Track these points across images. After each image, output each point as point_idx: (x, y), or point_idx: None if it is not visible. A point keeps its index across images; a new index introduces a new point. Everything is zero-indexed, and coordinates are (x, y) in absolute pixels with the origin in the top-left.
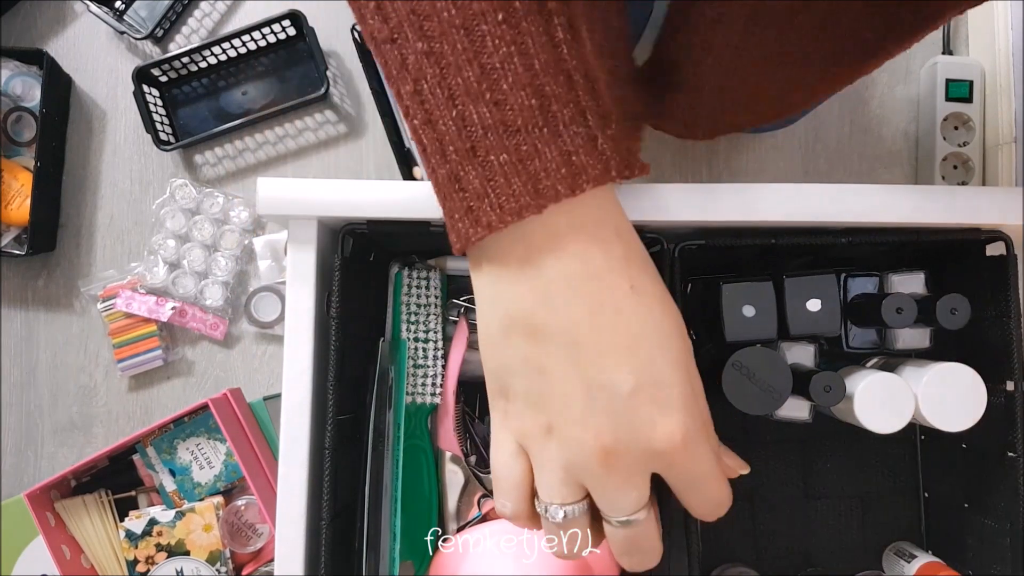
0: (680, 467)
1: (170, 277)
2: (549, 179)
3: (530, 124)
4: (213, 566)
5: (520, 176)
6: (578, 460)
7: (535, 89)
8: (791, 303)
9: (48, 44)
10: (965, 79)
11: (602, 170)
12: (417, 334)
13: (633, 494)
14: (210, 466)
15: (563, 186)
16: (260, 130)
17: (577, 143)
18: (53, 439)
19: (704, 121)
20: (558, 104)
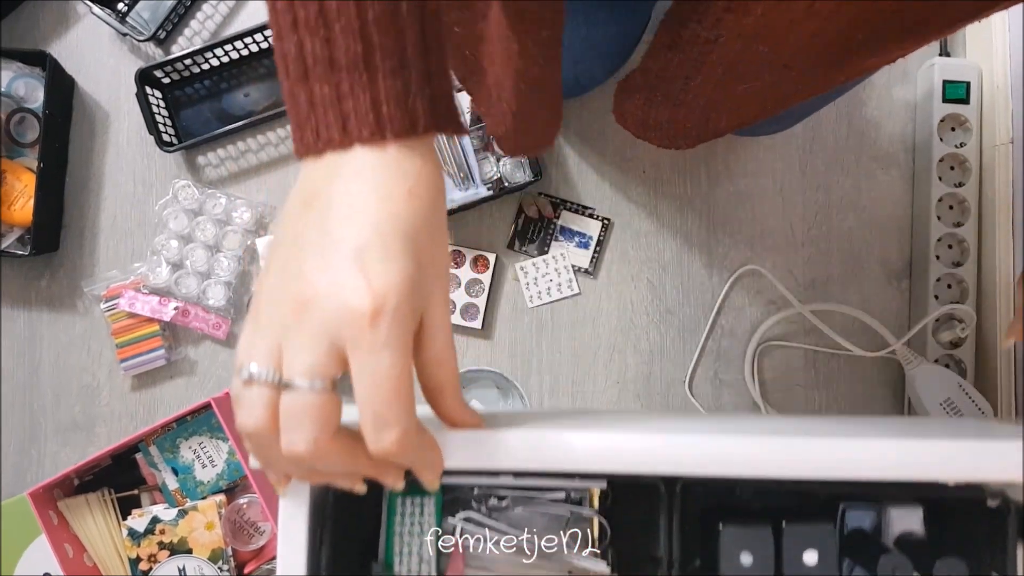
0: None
1: (173, 277)
2: (357, 121)
3: (351, 67)
4: (215, 564)
5: (334, 111)
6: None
7: (364, 37)
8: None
9: (51, 46)
10: (962, 80)
11: (408, 124)
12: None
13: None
14: (212, 465)
15: (367, 130)
16: (262, 131)
17: (390, 95)
18: (56, 438)
19: (688, 132)
20: (382, 54)
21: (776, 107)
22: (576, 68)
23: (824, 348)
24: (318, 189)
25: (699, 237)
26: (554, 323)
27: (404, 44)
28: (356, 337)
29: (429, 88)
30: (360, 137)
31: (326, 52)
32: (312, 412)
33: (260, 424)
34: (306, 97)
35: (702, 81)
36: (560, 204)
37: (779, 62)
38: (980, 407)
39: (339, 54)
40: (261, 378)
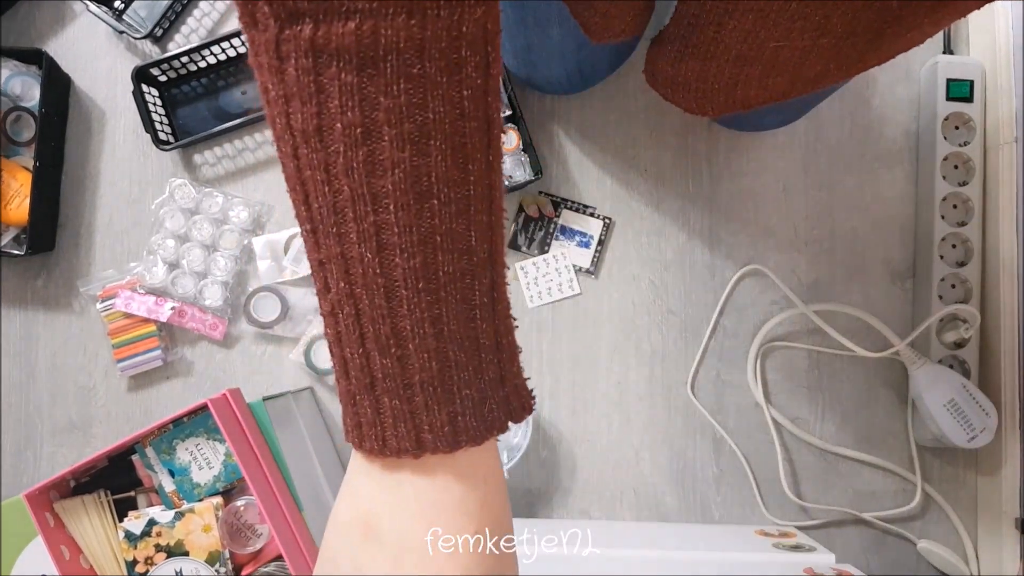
0: None
1: (169, 277)
2: (432, 434)
3: (426, 384)
4: (212, 567)
5: (407, 424)
6: None
7: (439, 355)
8: None
9: (47, 44)
10: (966, 79)
11: (484, 431)
12: None
13: None
14: (209, 467)
15: (443, 443)
16: (260, 130)
17: (467, 406)
18: (52, 439)
19: (717, 94)
20: (457, 369)
21: (805, 85)
22: (580, 54)
23: (827, 349)
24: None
25: (701, 236)
26: (554, 324)
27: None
28: None
29: (503, 389)
30: (435, 450)
31: (398, 369)
32: None
33: None
34: (372, 405)
35: (734, 28)
36: (561, 203)
37: (812, 20)
38: (984, 408)
39: (412, 373)
40: None
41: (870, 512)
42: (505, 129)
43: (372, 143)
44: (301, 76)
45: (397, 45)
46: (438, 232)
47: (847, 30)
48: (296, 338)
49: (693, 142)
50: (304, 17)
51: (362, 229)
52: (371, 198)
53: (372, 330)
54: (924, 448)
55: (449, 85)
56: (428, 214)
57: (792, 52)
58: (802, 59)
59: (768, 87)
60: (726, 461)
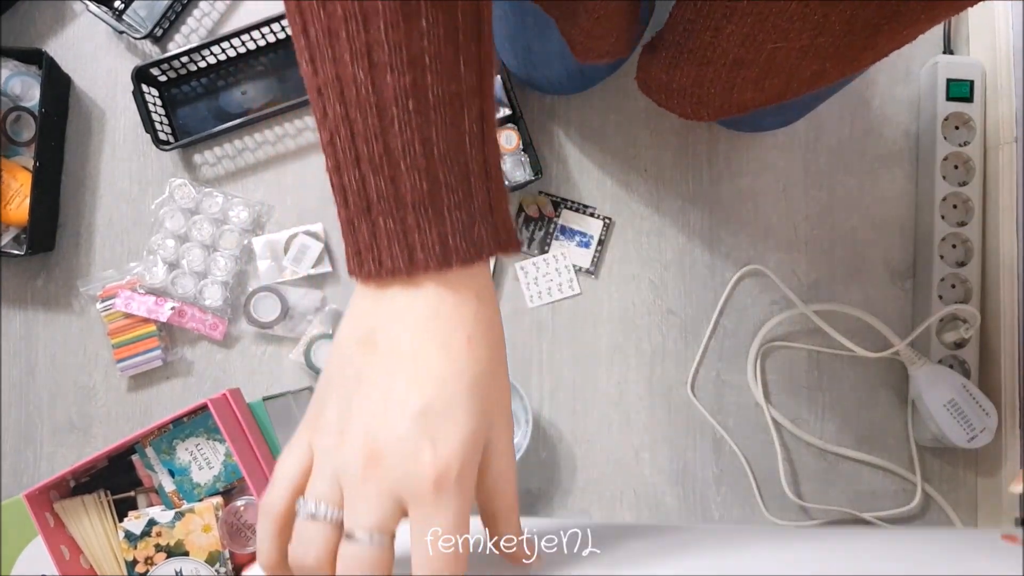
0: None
1: (169, 277)
2: (424, 253)
3: (418, 203)
4: (212, 567)
5: (400, 244)
6: (347, 460)
7: (429, 174)
8: None
9: (47, 44)
10: (966, 79)
11: (474, 253)
12: None
13: (374, 513)
14: (209, 467)
15: (434, 262)
16: (260, 130)
17: (456, 227)
18: (52, 439)
19: (713, 99)
20: (447, 190)
21: (801, 85)
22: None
23: (827, 349)
24: (377, 328)
25: (701, 236)
26: (554, 324)
27: (468, 176)
28: (419, 498)
29: (491, 216)
30: (427, 269)
31: (391, 189)
32: (373, 565)
33: (319, 562)
34: (368, 229)
35: (731, 33)
36: (561, 203)
37: (811, 20)
38: (984, 408)
39: (405, 191)
40: (324, 518)
41: (870, 512)
42: (505, 129)
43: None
44: None
45: None
46: (427, 53)
47: (845, 28)
48: (296, 338)
49: (693, 142)
50: None
51: (355, 48)
52: (363, 17)
53: (366, 151)
54: (924, 448)
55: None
56: (417, 35)
57: (789, 52)
58: (799, 59)
59: (765, 89)
60: (726, 461)
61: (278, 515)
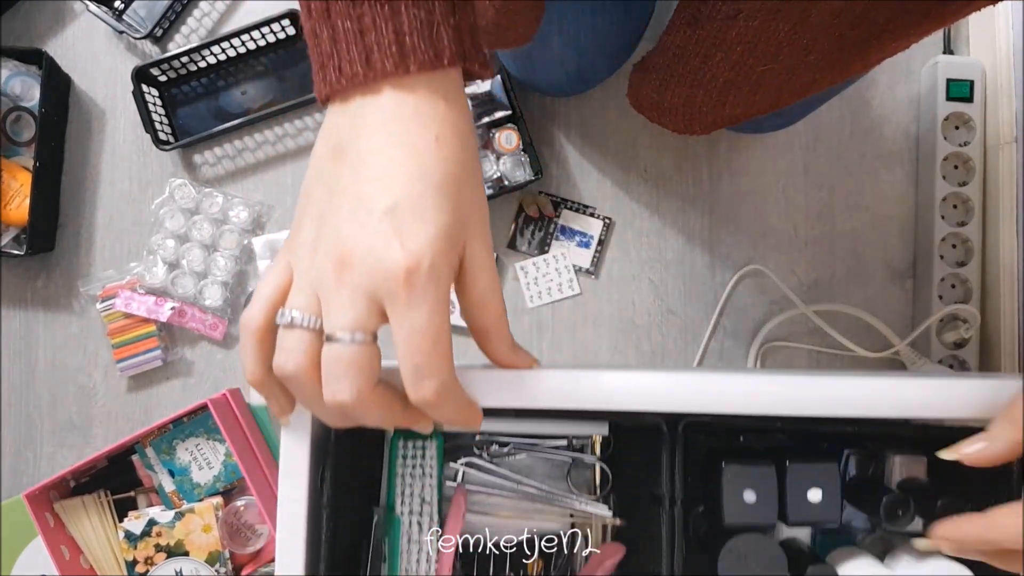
0: (396, 304)
1: (169, 277)
2: (380, 54)
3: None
4: (212, 567)
5: (357, 46)
6: (321, 267)
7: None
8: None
9: (47, 44)
10: (966, 79)
11: (433, 56)
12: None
13: (350, 312)
14: (209, 467)
15: (391, 63)
16: (259, 130)
17: (414, 26)
18: (52, 439)
19: (704, 116)
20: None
21: (792, 96)
22: (580, 61)
23: (827, 349)
24: (345, 139)
25: (701, 237)
26: (555, 323)
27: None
28: (393, 295)
29: (453, 19)
30: (384, 71)
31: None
32: (355, 363)
33: (300, 367)
34: (328, 34)
35: (721, 60)
36: (561, 203)
37: (800, 43)
38: None
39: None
40: (303, 324)
41: None
42: (505, 129)
43: None
44: None
45: None
46: None
47: (835, 46)
48: None
49: (693, 142)
50: None
51: None
52: None
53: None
54: None
55: None
56: None
57: (779, 72)
58: (789, 76)
59: (755, 103)
60: None
61: (257, 328)
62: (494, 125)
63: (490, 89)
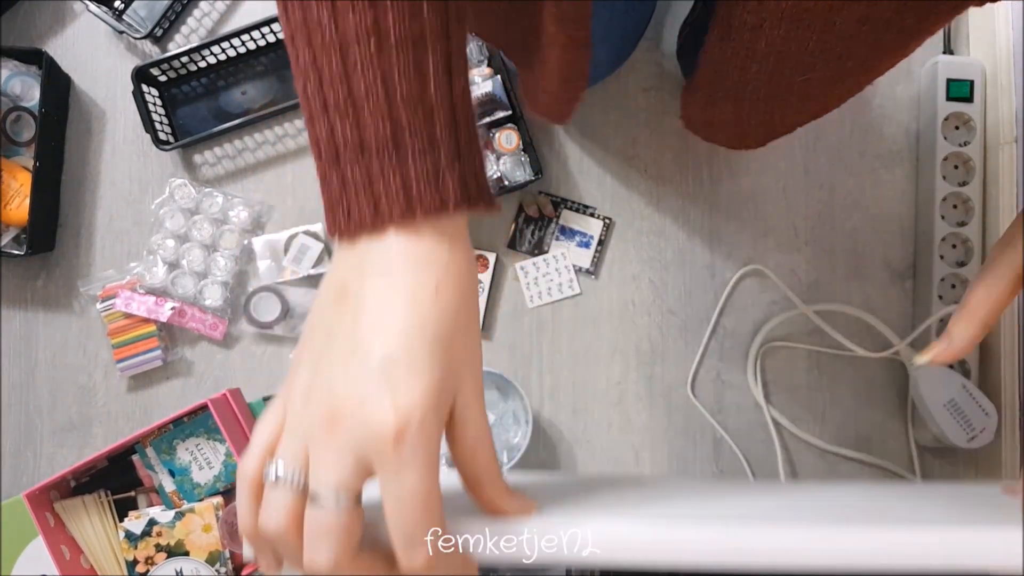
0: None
1: (169, 277)
2: (387, 201)
3: (381, 149)
4: (212, 567)
5: (365, 193)
6: (312, 419)
7: (392, 118)
8: None
9: (47, 44)
10: (966, 79)
11: (439, 202)
12: None
13: (336, 471)
14: (209, 466)
15: (398, 210)
16: (260, 130)
17: (420, 173)
18: (52, 439)
19: (756, 129)
20: (411, 135)
21: (838, 100)
22: None
23: (827, 349)
24: (349, 282)
25: (701, 237)
26: (555, 324)
27: (433, 122)
28: (381, 456)
29: (459, 165)
30: (391, 218)
31: (356, 135)
32: (335, 530)
33: (281, 528)
34: (338, 180)
35: (757, 71)
36: (561, 203)
37: (833, 51)
38: (984, 408)
39: (369, 136)
40: (287, 482)
41: None
42: (505, 129)
43: None
44: None
45: None
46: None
47: (872, 52)
48: (296, 338)
49: (693, 142)
50: None
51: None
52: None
53: (332, 96)
54: (924, 448)
55: None
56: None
57: (821, 80)
58: (831, 83)
59: (806, 110)
60: (726, 461)
61: (250, 480)
62: (494, 125)
63: (490, 89)
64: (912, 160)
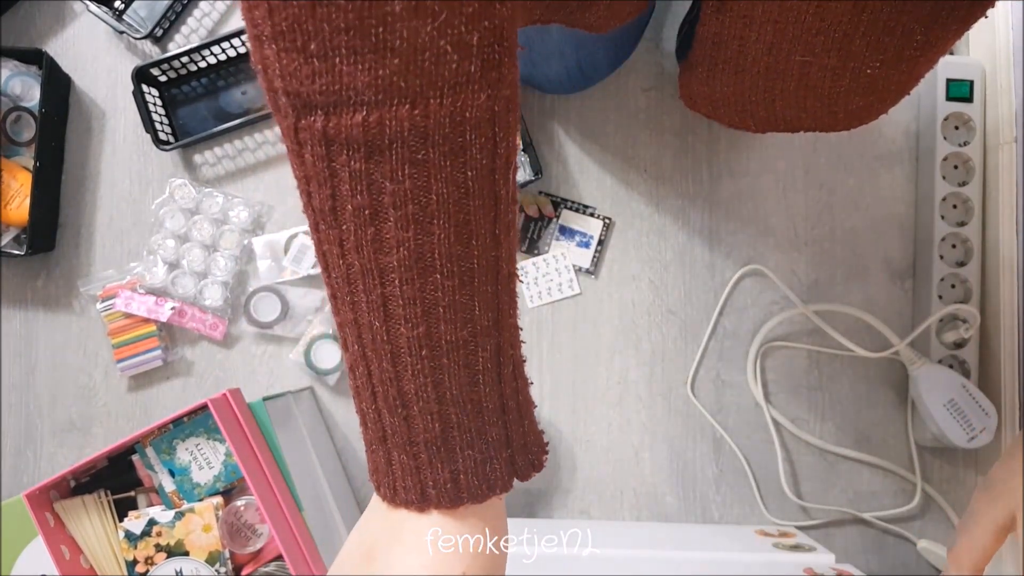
0: None
1: (169, 277)
2: (435, 490)
3: (430, 442)
4: (212, 567)
5: (412, 479)
6: None
7: (441, 416)
8: None
9: (47, 44)
10: (966, 79)
11: (486, 489)
12: None
13: None
14: (209, 466)
15: (445, 499)
16: (260, 130)
17: (468, 465)
18: (52, 439)
19: (757, 107)
20: (459, 431)
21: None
22: (579, 53)
23: (827, 349)
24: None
25: (701, 236)
26: (554, 323)
27: (482, 414)
28: None
29: (507, 450)
30: (438, 505)
31: (405, 428)
32: None
33: None
34: (384, 457)
35: (756, 41)
36: (560, 203)
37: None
38: (984, 408)
39: (417, 431)
40: None
41: (870, 512)
42: None
43: (379, 223)
44: (316, 162)
45: (401, 134)
46: (440, 304)
47: (876, 58)
48: (296, 338)
49: (693, 142)
50: (317, 109)
51: (371, 300)
52: (378, 273)
53: (382, 391)
54: (924, 448)
55: (453, 168)
56: (431, 287)
57: (823, 72)
58: (835, 83)
59: (808, 109)
60: (726, 461)
61: None
62: None
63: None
64: (912, 160)
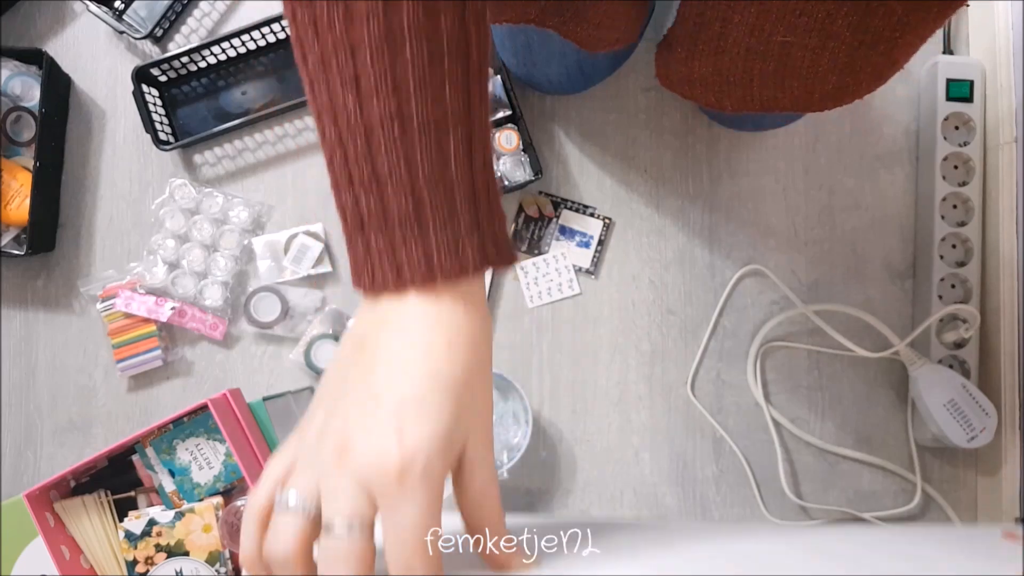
0: (387, 500)
1: (169, 277)
2: (410, 269)
3: (403, 222)
4: (212, 567)
5: (388, 260)
6: (324, 451)
7: (414, 195)
8: None
9: (47, 44)
10: (966, 79)
11: (459, 269)
12: None
13: (348, 500)
14: (209, 466)
15: (419, 277)
16: (260, 130)
17: (441, 244)
18: (52, 439)
19: (734, 88)
20: (432, 210)
21: (827, 98)
22: (579, 54)
23: (827, 349)
24: (368, 335)
25: (701, 237)
26: (554, 323)
27: (454, 197)
28: (384, 492)
29: (478, 233)
30: (412, 283)
31: (379, 208)
32: (348, 559)
33: (289, 552)
34: (363, 245)
35: (739, 22)
36: (561, 203)
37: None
38: (984, 408)
39: (392, 211)
40: (299, 509)
41: (870, 512)
42: (505, 129)
43: None
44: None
45: None
46: (411, 79)
47: (856, 37)
48: (296, 338)
49: (693, 142)
50: None
51: (344, 77)
52: (350, 48)
53: (357, 172)
54: (924, 448)
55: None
56: (401, 62)
57: (803, 52)
58: (814, 62)
59: (787, 88)
60: (726, 461)
61: (259, 509)
62: (494, 125)
63: (491, 89)
64: (912, 160)
